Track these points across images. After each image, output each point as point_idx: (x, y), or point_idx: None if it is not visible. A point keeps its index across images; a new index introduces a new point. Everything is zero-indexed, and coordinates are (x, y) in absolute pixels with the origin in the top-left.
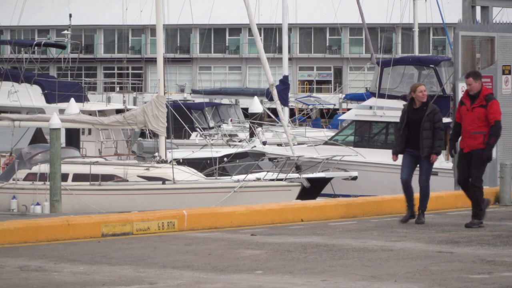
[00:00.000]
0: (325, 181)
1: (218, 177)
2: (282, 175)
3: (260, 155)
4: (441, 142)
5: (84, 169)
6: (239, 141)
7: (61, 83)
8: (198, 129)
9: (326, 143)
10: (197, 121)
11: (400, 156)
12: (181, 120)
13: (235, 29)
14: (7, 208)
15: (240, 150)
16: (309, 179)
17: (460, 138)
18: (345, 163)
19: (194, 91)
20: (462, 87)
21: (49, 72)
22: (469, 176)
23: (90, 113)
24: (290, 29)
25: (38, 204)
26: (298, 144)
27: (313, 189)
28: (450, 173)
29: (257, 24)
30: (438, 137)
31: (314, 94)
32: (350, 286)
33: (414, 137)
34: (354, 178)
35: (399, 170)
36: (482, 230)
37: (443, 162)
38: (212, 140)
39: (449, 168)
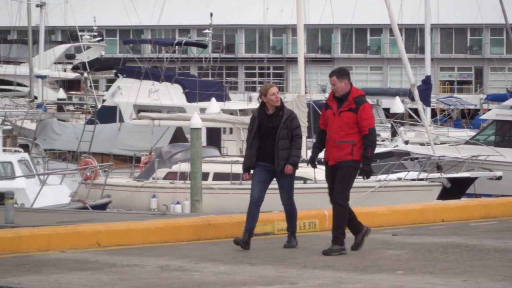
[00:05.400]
0: (469, 180)
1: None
2: (423, 175)
3: (405, 154)
4: (298, 152)
5: (225, 168)
6: (382, 141)
7: (202, 82)
8: None
9: (467, 142)
10: None
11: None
12: None
13: (377, 29)
14: (147, 207)
15: (385, 149)
16: (453, 179)
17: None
18: (487, 163)
19: None
20: None
21: (190, 71)
22: None
23: (231, 112)
24: (431, 29)
25: (178, 203)
26: (440, 143)
27: (457, 188)
28: None
29: (398, 24)
30: (296, 146)
31: (455, 95)
32: (491, 287)
33: (268, 148)
34: (499, 178)
35: None
36: None
37: None
38: None
39: None
